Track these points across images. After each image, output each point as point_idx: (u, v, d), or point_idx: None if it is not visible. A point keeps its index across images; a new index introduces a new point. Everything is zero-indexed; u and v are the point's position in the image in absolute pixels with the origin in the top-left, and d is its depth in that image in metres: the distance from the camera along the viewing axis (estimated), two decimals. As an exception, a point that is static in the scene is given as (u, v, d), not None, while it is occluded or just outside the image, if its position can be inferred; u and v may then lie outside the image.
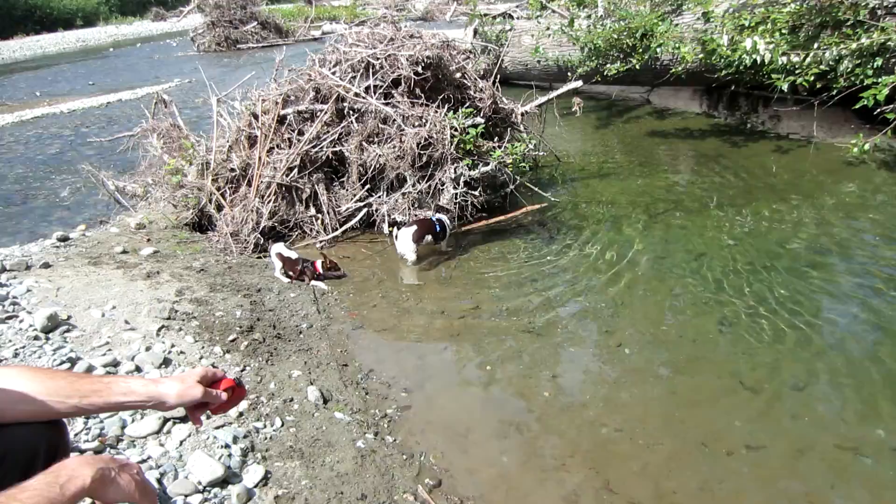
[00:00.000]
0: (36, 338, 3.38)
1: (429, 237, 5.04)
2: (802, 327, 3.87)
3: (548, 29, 9.51)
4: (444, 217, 5.19)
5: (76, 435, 2.62)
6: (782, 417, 3.17)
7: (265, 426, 2.96)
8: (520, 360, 3.81)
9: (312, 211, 5.65)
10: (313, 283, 4.85)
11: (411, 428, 3.22)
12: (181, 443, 2.69)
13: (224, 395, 1.62)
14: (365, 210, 5.65)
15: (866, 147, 6.13)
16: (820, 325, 3.92)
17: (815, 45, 6.58)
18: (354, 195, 5.64)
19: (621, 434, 3.11)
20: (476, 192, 5.50)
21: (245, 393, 1.71)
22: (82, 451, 2.52)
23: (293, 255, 4.91)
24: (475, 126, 5.53)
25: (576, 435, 3.15)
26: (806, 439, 2.99)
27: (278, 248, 4.94)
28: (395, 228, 5.08)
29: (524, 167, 5.93)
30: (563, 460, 2.97)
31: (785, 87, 6.53)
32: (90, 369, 3.12)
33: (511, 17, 12.10)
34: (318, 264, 4.87)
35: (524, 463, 2.98)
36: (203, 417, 1.69)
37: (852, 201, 5.69)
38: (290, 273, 4.85)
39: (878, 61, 6.17)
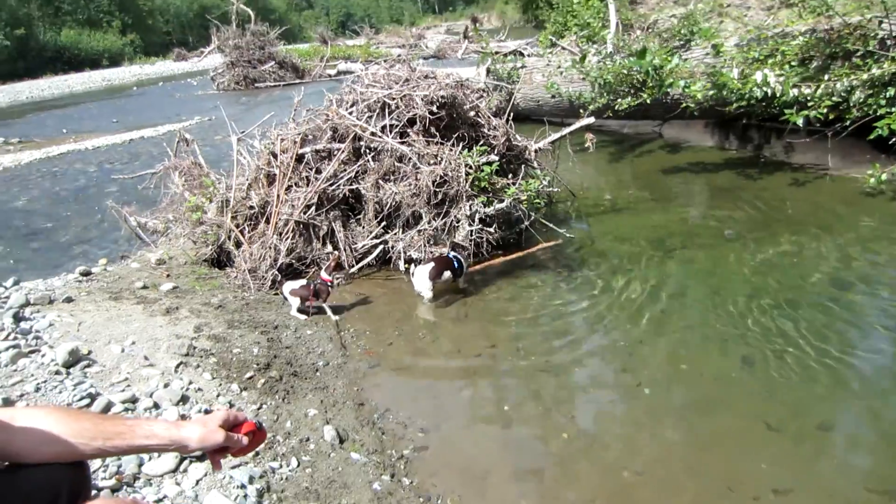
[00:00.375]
0: (57, 372, 3.41)
1: (447, 274, 5.04)
2: (827, 364, 3.78)
3: (559, 67, 9.65)
4: (459, 255, 5.22)
5: (94, 472, 2.62)
6: (810, 459, 3.09)
7: (281, 466, 2.95)
8: (538, 400, 3.76)
9: (329, 248, 5.70)
10: (327, 308, 4.91)
11: (428, 470, 3.18)
12: (197, 482, 2.68)
13: (245, 440, 1.62)
14: (381, 247, 5.68)
15: (883, 177, 6.09)
16: (846, 362, 3.82)
17: (826, 77, 6.60)
18: (371, 232, 5.69)
19: (643, 478, 3.05)
20: (491, 229, 5.52)
21: (265, 436, 1.71)
22: (100, 489, 2.52)
23: (302, 282, 4.96)
24: (490, 163, 5.57)
25: (596, 478, 3.09)
26: (835, 482, 2.91)
27: (288, 285, 4.96)
28: (413, 266, 5.11)
29: (539, 203, 5.95)
30: (583, 504, 2.91)
31: (799, 121, 6.52)
32: (109, 406, 3.14)
33: (521, 54, 12.30)
34: (324, 273, 4.94)
35: (543, 507, 2.93)
36: (222, 460, 1.69)
37: (871, 233, 5.62)
38: (308, 298, 4.87)
39: (891, 91, 6.15)
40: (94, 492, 2.26)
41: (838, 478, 2.94)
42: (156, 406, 3.24)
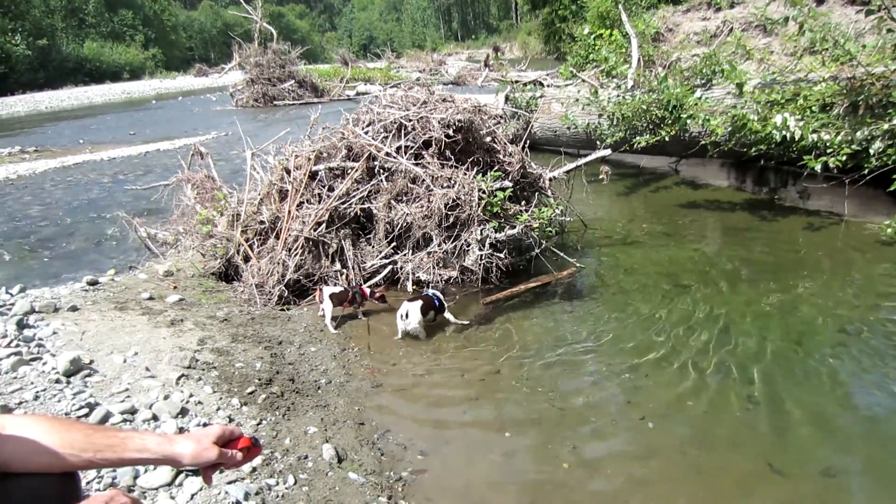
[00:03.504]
0: (57, 381, 3.40)
1: (431, 313, 4.94)
2: (833, 409, 3.73)
3: (577, 100, 9.70)
4: (438, 293, 5.09)
5: (88, 483, 2.60)
6: (813, 504, 3.02)
7: (278, 483, 2.90)
8: (539, 428, 3.71)
9: (338, 266, 5.69)
10: (360, 315, 5.19)
11: (426, 493, 3.13)
12: (192, 496, 2.65)
13: (239, 455, 1.59)
14: (390, 267, 5.67)
15: (900, 228, 6.04)
16: (851, 408, 3.77)
17: (846, 125, 6.59)
18: (380, 252, 5.68)
19: (644, 513, 2.98)
20: (501, 255, 5.50)
21: (261, 451, 1.68)
22: (93, 500, 2.48)
23: (339, 288, 5.15)
24: (503, 189, 5.58)
25: (596, 511, 3.02)
26: (840, 530, 2.83)
27: (327, 289, 5.10)
28: (402, 307, 4.90)
29: (550, 232, 5.94)
30: (582, 538, 2.85)
31: (818, 167, 6.49)
32: (108, 416, 3.11)
33: (541, 84, 12.39)
34: (367, 289, 5.15)
35: (542, 538, 2.87)
36: (216, 475, 1.66)
37: (884, 282, 5.55)
38: (344, 302, 5.07)
39: (911, 143, 6.14)
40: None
41: (845, 525, 2.87)
42: (154, 418, 3.21)
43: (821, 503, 3.02)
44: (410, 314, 4.78)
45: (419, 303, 4.80)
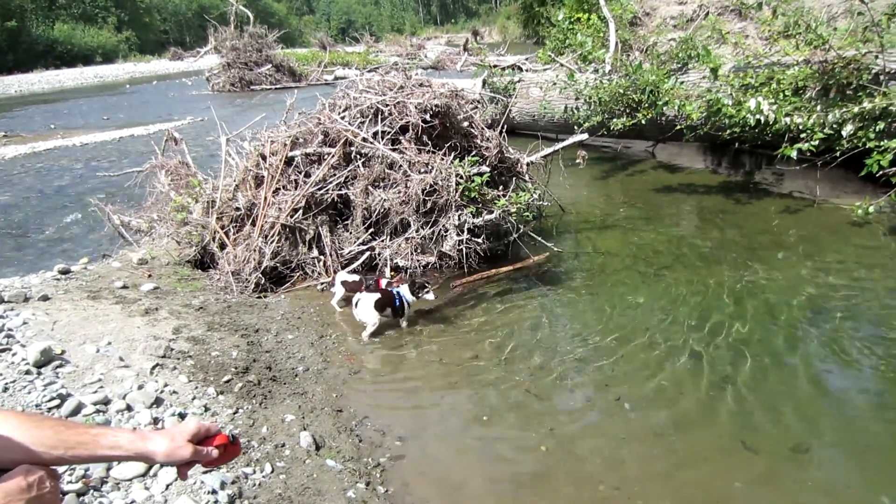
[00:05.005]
0: (27, 372, 3.34)
1: (388, 310, 4.70)
2: (804, 387, 3.81)
3: (554, 84, 9.69)
4: (406, 293, 4.73)
5: (60, 475, 2.56)
6: (784, 481, 3.08)
7: (255, 472, 2.90)
8: (518, 412, 3.74)
9: (315, 252, 5.65)
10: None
11: (404, 478, 3.14)
12: (167, 487, 2.63)
13: (215, 453, 1.56)
14: (368, 253, 5.64)
15: (870, 209, 6.14)
16: (822, 387, 3.86)
17: (819, 108, 6.66)
18: (358, 238, 5.65)
19: (619, 493, 3.03)
20: (479, 240, 5.50)
21: (239, 450, 1.65)
22: (65, 493, 2.45)
23: (355, 277, 5.12)
24: (480, 174, 5.57)
25: (572, 492, 3.06)
26: (808, 505, 2.90)
27: (341, 275, 5.13)
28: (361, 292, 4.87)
29: (528, 216, 5.95)
30: (558, 519, 2.88)
31: (793, 154, 6.56)
32: (80, 407, 3.07)
33: (520, 68, 12.35)
34: (383, 282, 5.01)
35: (518, 520, 2.90)
36: (192, 470, 1.64)
37: (855, 262, 5.66)
38: (357, 291, 4.94)
39: (881, 125, 6.22)
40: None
41: (811, 500, 2.94)
42: (129, 408, 3.17)
43: (792, 479, 3.09)
44: (360, 306, 4.63)
45: (376, 297, 4.63)
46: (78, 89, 33.28)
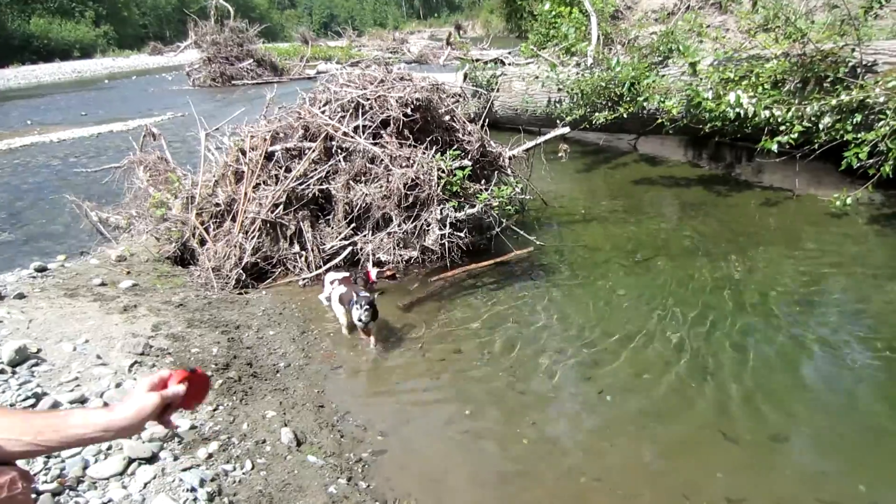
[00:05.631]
0: (2, 371, 3.29)
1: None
2: (783, 378, 3.86)
3: (536, 77, 9.70)
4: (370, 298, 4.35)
5: (35, 475, 2.52)
6: (763, 470, 3.12)
7: (235, 469, 2.87)
8: (500, 405, 3.74)
9: (297, 248, 5.61)
10: None
11: (386, 473, 3.14)
12: (145, 485, 2.60)
13: (181, 388, 1.52)
14: (350, 248, 5.62)
15: (848, 201, 6.22)
16: (800, 377, 3.90)
17: (797, 101, 6.73)
18: (339, 233, 5.62)
19: (600, 483, 3.04)
20: (462, 234, 5.49)
21: (206, 377, 1.61)
22: (40, 493, 2.42)
23: (345, 273, 5.02)
24: (462, 168, 5.56)
25: (554, 484, 3.07)
26: (787, 493, 2.94)
27: (331, 274, 5.01)
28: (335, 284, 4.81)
29: (510, 210, 5.95)
30: (540, 511, 2.90)
31: (774, 147, 6.62)
32: (56, 406, 3.03)
33: (503, 62, 12.33)
34: (373, 273, 5.00)
35: (500, 513, 2.91)
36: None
37: (834, 255, 5.73)
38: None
39: (858, 117, 6.30)
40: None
41: (790, 488, 2.97)
42: (106, 406, 3.13)
43: (770, 467, 3.13)
44: (333, 300, 4.58)
45: (342, 290, 4.52)
46: (55, 85, 32.73)
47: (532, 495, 3.01)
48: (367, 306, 4.20)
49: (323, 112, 5.81)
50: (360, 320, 4.25)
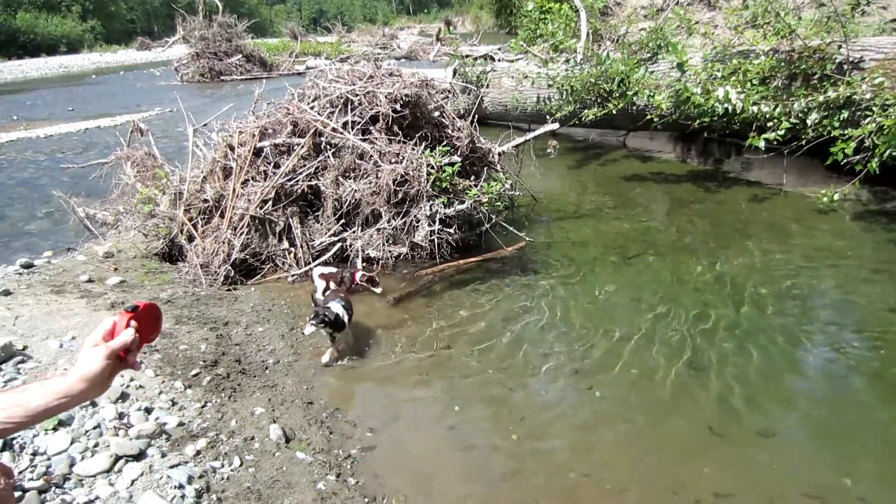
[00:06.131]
0: (-13, 368, 3.25)
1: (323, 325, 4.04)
2: (770, 373, 3.88)
3: (526, 77, 9.70)
4: (340, 311, 4.13)
5: (20, 473, 2.51)
6: (751, 465, 3.14)
7: (223, 465, 2.87)
8: (489, 401, 3.75)
9: (286, 244, 5.59)
10: None
11: (375, 470, 3.14)
12: (132, 482, 2.59)
13: (129, 332, 1.49)
14: (339, 245, 5.60)
15: (835, 197, 6.27)
16: (788, 372, 3.93)
17: (785, 97, 6.77)
18: (329, 229, 5.60)
19: (589, 479, 3.06)
20: (451, 230, 5.49)
21: (154, 306, 1.56)
22: (25, 491, 2.40)
23: (332, 269, 5.12)
24: (451, 164, 5.55)
25: (543, 480, 3.09)
26: (774, 488, 2.96)
27: (318, 269, 5.11)
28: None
29: (500, 206, 5.95)
30: (528, 506, 2.91)
31: (761, 144, 6.65)
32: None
33: (492, 58, 12.31)
34: (357, 275, 5.04)
35: (489, 509, 2.91)
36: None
37: (821, 250, 5.78)
38: (336, 283, 4.95)
39: (845, 114, 6.34)
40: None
41: (776, 483, 3.00)
42: (93, 403, 3.11)
43: (757, 463, 3.15)
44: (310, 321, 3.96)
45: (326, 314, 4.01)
46: (42, 80, 32.39)
47: (521, 491, 3.02)
48: (316, 324, 3.92)
49: (312, 108, 5.79)
50: (303, 333, 4.08)
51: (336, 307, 4.11)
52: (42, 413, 1.41)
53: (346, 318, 4.13)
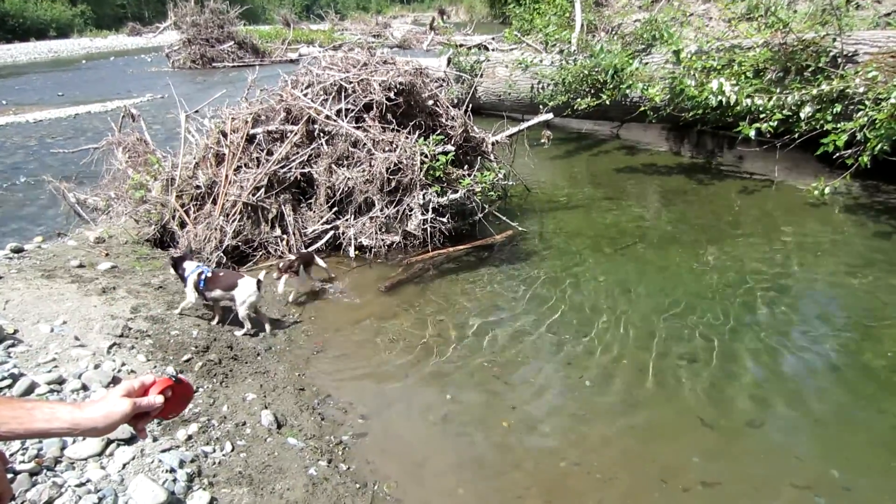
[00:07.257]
0: (-23, 352, 3.24)
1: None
2: (761, 365, 3.92)
3: (520, 65, 9.68)
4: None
5: (12, 455, 2.50)
6: (739, 455, 3.18)
7: (214, 450, 2.87)
8: (481, 389, 3.77)
9: (278, 231, 5.58)
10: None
11: (366, 456, 3.15)
12: (124, 466, 2.59)
13: (159, 399, 1.49)
14: (332, 233, 5.59)
15: (826, 190, 6.31)
16: (778, 364, 3.96)
17: (778, 90, 6.79)
18: (321, 217, 5.59)
19: (579, 468, 3.08)
20: (444, 219, 5.49)
21: (190, 388, 1.57)
22: (17, 473, 2.40)
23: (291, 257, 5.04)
24: (445, 153, 5.54)
25: (533, 467, 3.11)
26: (762, 477, 3.00)
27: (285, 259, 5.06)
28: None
29: (493, 196, 5.95)
30: (519, 493, 2.93)
31: (751, 133, 6.68)
32: (33, 387, 2.99)
33: (486, 48, 12.29)
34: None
35: (480, 495, 2.94)
36: (150, 427, 1.58)
37: (811, 242, 5.82)
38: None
39: (838, 107, 6.38)
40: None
41: (764, 472, 3.03)
42: (84, 388, 3.10)
43: (745, 452, 3.19)
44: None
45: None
46: (31, 64, 31.98)
47: (512, 478, 3.04)
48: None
49: (305, 95, 5.76)
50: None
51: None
52: (40, 434, 1.41)
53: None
